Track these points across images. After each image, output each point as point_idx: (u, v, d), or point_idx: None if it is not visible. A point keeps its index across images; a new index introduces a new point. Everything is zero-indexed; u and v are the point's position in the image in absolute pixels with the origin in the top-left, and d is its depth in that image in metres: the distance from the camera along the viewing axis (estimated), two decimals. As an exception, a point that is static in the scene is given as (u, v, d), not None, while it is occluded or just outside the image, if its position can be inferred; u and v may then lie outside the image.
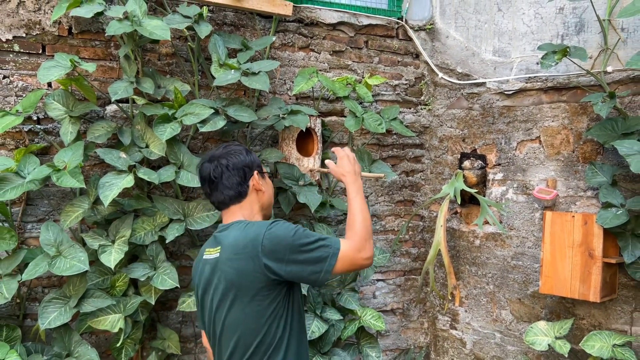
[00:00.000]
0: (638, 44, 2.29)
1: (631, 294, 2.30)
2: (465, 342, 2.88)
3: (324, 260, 1.49)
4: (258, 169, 1.68)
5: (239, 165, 1.64)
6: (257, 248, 1.48)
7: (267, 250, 1.48)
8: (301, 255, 1.49)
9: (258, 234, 1.50)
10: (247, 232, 1.54)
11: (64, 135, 2.07)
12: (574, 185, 2.45)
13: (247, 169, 1.65)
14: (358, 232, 1.57)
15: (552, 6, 2.54)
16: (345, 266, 1.53)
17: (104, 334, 2.31)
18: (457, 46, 2.89)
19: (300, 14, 2.68)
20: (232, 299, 1.53)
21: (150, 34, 2.04)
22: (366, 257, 1.55)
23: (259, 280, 1.49)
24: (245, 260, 1.49)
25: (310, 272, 1.49)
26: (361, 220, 1.59)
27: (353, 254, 1.53)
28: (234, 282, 1.51)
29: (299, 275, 1.50)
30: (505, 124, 2.68)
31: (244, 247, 1.50)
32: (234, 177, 1.63)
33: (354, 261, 1.53)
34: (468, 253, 2.85)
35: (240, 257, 1.50)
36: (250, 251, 1.49)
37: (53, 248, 1.97)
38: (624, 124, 2.21)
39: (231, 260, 1.52)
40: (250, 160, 1.67)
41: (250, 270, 1.49)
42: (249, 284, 1.50)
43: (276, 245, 1.48)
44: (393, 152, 2.97)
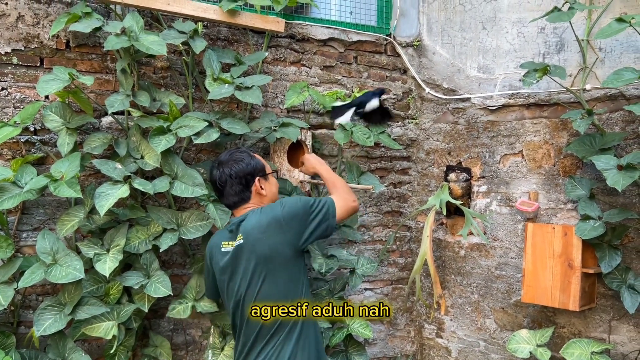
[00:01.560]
0: (615, 63, 2.40)
1: (609, 304, 2.39)
2: (451, 350, 2.95)
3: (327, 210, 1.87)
4: (260, 173, 1.93)
5: (240, 174, 1.88)
6: (280, 222, 1.78)
7: (289, 221, 1.79)
8: (313, 216, 1.84)
9: (276, 212, 1.81)
10: (265, 214, 1.82)
11: (61, 146, 2.12)
12: (554, 198, 2.55)
13: (249, 177, 1.90)
14: (340, 188, 2.03)
15: (534, 25, 2.64)
16: (343, 214, 1.93)
17: (97, 341, 2.35)
18: (443, 62, 2.99)
19: (291, 30, 2.77)
20: (265, 274, 1.78)
21: (147, 49, 2.11)
22: (353, 200, 1.99)
23: (289, 250, 1.80)
24: (274, 236, 1.78)
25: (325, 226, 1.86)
26: (339, 182, 2.07)
27: (345, 201, 1.94)
28: (267, 258, 1.78)
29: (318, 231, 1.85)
30: (489, 138, 2.78)
31: (267, 225, 1.78)
32: (237, 185, 1.88)
33: (347, 206, 1.94)
34: (453, 263, 2.93)
35: (268, 235, 1.78)
36: (275, 227, 1.78)
37: (49, 256, 2.01)
38: (601, 139, 2.31)
39: (260, 240, 1.78)
40: (252, 167, 1.91)
41: (280, 243, 1.78)
42: (282, 256, 1.79)
43: (294, 216, 1.81)
44: (381, 164, 3.05)
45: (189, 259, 2.52)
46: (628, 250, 2.33)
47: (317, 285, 2.63)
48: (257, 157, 1.96)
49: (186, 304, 2.32)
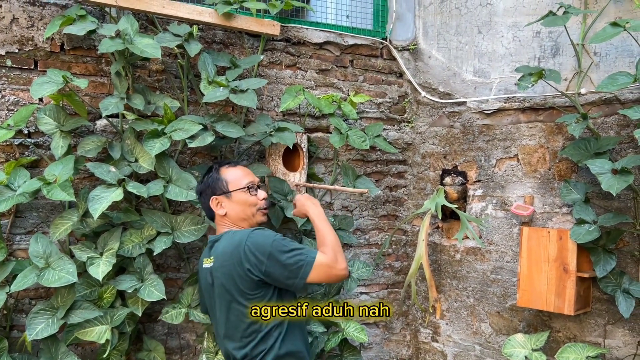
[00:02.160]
0: (610, 67, 2.41)
1: (604, 308, 2.39)
2: (446, 354, 2.94)
3: (300, 267, 1.68)
4: (218, 192, 1.90)
5: (204, 189, 1.95)
6: (240, 254, 1.69)
7: (248, 254, 1.68)
8: (278, 261, 1.68)
9: (241, 241, 1.72)
10: (232, 240, 1.75)
11: (55, 149, 2.11)
12: (550, 202, 2.55)
13: (205, 197, 1.93)
14: (330, 246, 1.77)
15: (529, 30, 2.65)
16: (321, 276, 1.72)
17: (90, 345, 2.34)
18: (439, 66, 2.99)
19: (287, 34, 2.77)
20: (228, 303, 1.75)
21: (142, 52, 2.10)
22: (341, 268, 1.74)
23: (247, 282, 1.70)
24: (232, 266, 1.71)
25: (286, 277, 1.68)
26: (331, 237, 1.81)
27: (328, 265, 1.71)
28: (226, 287, 1.73)
29: (277, 278, 1.69)
30: (485, 142, 2.78)
31: (230, 255, 1.72)
32: (204, 201, 1.95)
33: (329, 272, 1.71)
34: (449, 267, 2.92)
35: (228, 264, 1.72)
36: (235, 257, 1.70)
37: (42, 260, 2.00)
38: (596, 143, 2.31)
39: (222, 267, 1.74)
40: (209, 186, 1.92)
41: (237, 275, 1.70)
42: (239, 287, 1.71)
43: (256, 250, 1.68)
44: (377, 168, 3.05)
45: (184, 262, 2.51)
46: (623, 254, 2.33)
47: (312, 289, 2.62)
48: (222, 173, 1.92)
49: (179, 309, 2.30)
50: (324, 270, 1.70)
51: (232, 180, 1.92)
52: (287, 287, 1.73)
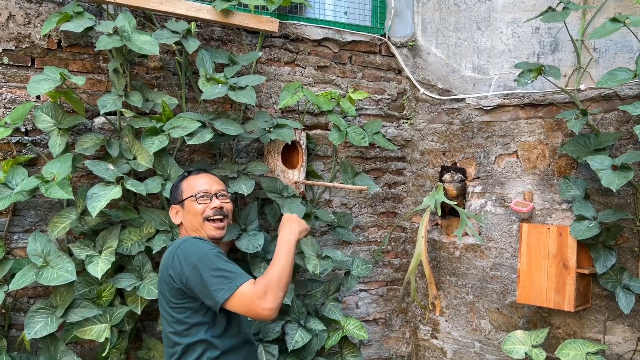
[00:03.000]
0: (609, 63, 2.40)
1: (604, 304, 2.39)
2: (446, 351, 2.94)
3: (218, 290, 1.53)
4: (175, 201, 1.86)
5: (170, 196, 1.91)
6: (169, 259, 1.65)
7: (175, 261, 1.62)
8: (200, 276, 1.55)
9: (175, 246, 1.69)
10: (171, 246, 1.72)
11: (53, 147, 2.10)
12: (549, 199, 2.54)
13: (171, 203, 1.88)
14: (267, 280, 1.55)
15: (528, 26, 2.64)
16: (241, 307, 1.53)
17: (89, 344, 2.33)
18: (438, 63, 2.98)
19: (285, 30, 2.75)
20: (160, 306, 1.73)
21: (140, 49, 2.09)
22: (266, 308, 1.51)
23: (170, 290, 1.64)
24: (164, 270, 1.69)
25: (204, 295, 1.57)
26: (277, 270, 1.58)
27: (251, 299, 1.51)
28: (160, 290, 1.72)
29: (196, 295, 1.59)
30: (484, 138, 2.77)
31: (165, 259, 1.70)
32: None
33: (251, 306, 1.52)
34: (448, 264, 2.92)
35: (162, 267, 1.70)
36: (166, 262, 1.68)
37: (40, 258, 1.99)
38: (595, 140, 2.30)
39: (160, 271, 1.73)
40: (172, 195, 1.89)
41: (164, 280, 1.67)
42: (165, 294, 1.67)
43: (183, 259, 1.61)
44: (376, 165, 3.04)
45: (183, 260, 2.50)
46: (623, 250, 2.33)
47: (311, 287, 2.61)
48: (182, 183, 1.84)
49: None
50: (245, 302, 1.52)
51: (187, 189, 1.82)
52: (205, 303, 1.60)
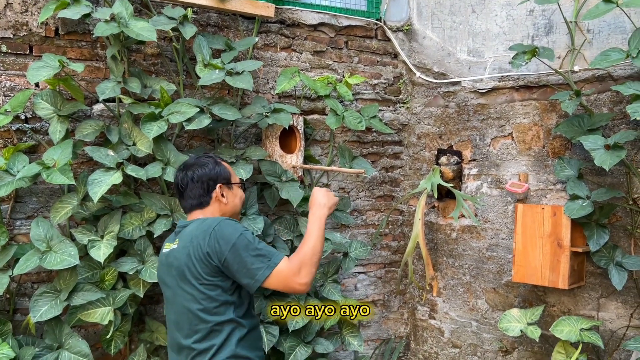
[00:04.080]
0: (603, 44, 2.42)
1: (598, 282, 2.44)
2: (444, 331, 3.00)
3: (258, 269, 1.59)
4: (224, 181, 1.82)
5: (203, 177, 1.79)
6: (206, 237, 1.63)
7: (212, 240, 1.62)
8: (239, 255, 1.60)
9: (210, 225, 1.66)
10: (202, 225, 1.70)
11: (53, 133, 2.12)
12: (544, 179, 2.58)
13: (210, 182, 1.80)
14: (301, 256, 1.64)
15: (522, 8, 2.66)
16: (279, 284, 1.61)
17: (93, 327, 2.37)
18: (433, 46, 3.00)
19: (282, 15, 2.77)
20: (184, 283, 1.68)
21: (137, 36, 2.10)
22: (301, 283, 1.60)
23: (205, 266, 1.64)
24: (196, 247, 1.65)
25: (243, 274, 1.61)
26: (311, 246, 1.66)
27: (288, 275, 1.60)
28: (186, 266, 1.67)
29: (233, 273, 1.63)
30: (480, 121, 2.80)
31: (196, 236, 1.66)
32: (197, 189, 1.79)
33: (287, 282, 1.60)
34: (445, 245, 2.96)
35: (193, 244, 1.66)
36: (201, 239, 1.64)
37: (43, 243, 2.03)
38: (589, 120, 2.33)
39: (185, 248, 1.68)
40: (216, 173, 1.81)
41: (197, 257, 1.64)
42: (197, 269, 1.64)
43: (221, 238, 1.62)
44: (373, 149, 3.07)
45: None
46: (616, 228, 2.37)
47: (310, 269, 2.65)
48: (223, 165, 1.87)
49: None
50: (282, 279, 1.60)
51: (233, 174, 1.88)
52: (241, 284, 1.64)
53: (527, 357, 2.65)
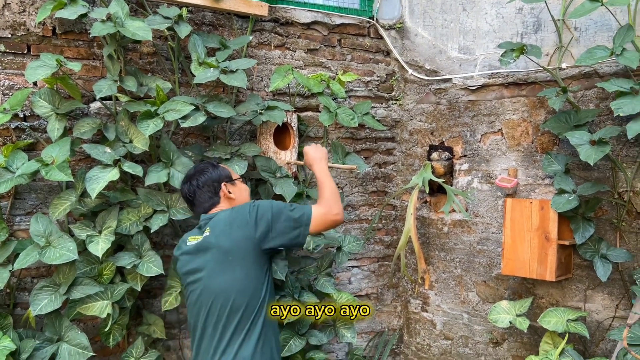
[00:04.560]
0: (589, 42, 2.48)
1: (585, 274, 2.50)
2: (436, 323, 3.06)
3: (301, 220, 1.87)
4: (226, 179, 2.03)
5: (207, 182, 2.00)
6: (247, 218, 1.83)
7: (255, 219, 1.83)
8: (283, 220, 1.85)
9: (245, 209, 1.87)
10: (235, 210, 1.90)
11: (51, 131, 2.17)
12: (533, 174, 2.64)
13: (215, 184, 2.02)
14: (326, 197, 1.99)
15: (512, 6, 2.71)
16: (320, 225, 1.91)
17: (92, 321, 2.43)
18: (425, 44, 3.05)
19: (275, 14, 2.81)
20: (225, 267, 1.82)
21: (133, 35, 2.15)
22: (336, 213, 1.94)
23: (251, 247, 1.83)
24: (238, 230, 1.82)
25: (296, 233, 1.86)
26: (328, 189, 2.02)
27: (324, 214, 1.91)
28: (228, 251, 1.82)
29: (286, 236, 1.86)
30: (470, 117, 2.86)
31: (233, 220, 1.85)
32: (205, 193, 2.00)
33: (326, 218, 1.92)
34: (437, 239, 3.02)
35: (233, 228, 1.83)
36: (241, 222, 1.84)
37: (43, 239, 2.07)
38: (576, 116, 2.39)
39: (224, 233, 1.84)
40: (217, 175, 2.03)
41: (242, 237, 1.82)
42: (242, 250, 1.82)
43: (262, 215, 1.84)
44: (366, 145, 3.13)
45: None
46: (602, 222, 2.43)
47: (305, 263, 2.71)
48: (221, 167, 2.09)
49: (175, 292, 2.38)
50: (321, 218, 1.90)
51: (232, 171, 2.10)
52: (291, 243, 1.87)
53: (516, 348, 2.72)
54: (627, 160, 2.35)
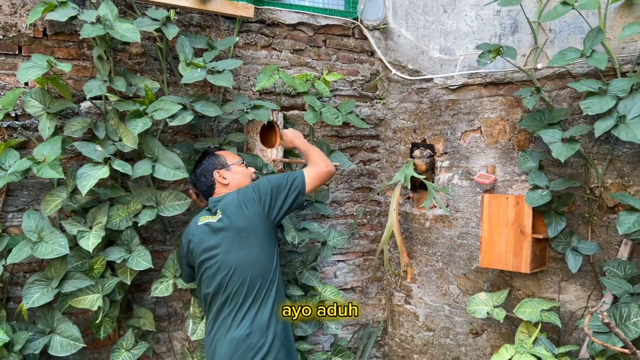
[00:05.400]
0: (563, 43, 2.58)
1: (559, 266, 2.60)
2: (419, 315, 3.16)
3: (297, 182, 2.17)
4: (219, 167, 2.28)
5: (203, 172, 2.31)
6: (254, 198, 2.12)
7: (261, 197, 2.12)
8: (283, 188, 2.15)
9: (249, 190, 2.16)
10: (241, 193, 2.16)
11: (43, 130, 2.23)
12: (510, 171, 2.74)
13: (208, 173, 2.30)
14: (313, 159, 2.31)
15: (490, 8, 2.80)
16: (315, 178, 2.22)
17: (83, 314, 2.50)
18: (408, 45, 3.14)
19: (261, 15, 2.89)
20: (241, 244, 2.06)
21: (122, 37, 2.22)
22: (326, 166, 2.27)
23: (262, 222, 2.10)
24: (248, 209, 2.09)
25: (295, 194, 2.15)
26: (314, 152, 2.36)
27: (317, 169, 2.24)
28: (242, 229, 2.08)
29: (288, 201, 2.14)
30: (451, 116, 2.95)
31: (242, 201, 2.14)
32: (203, 182, 2.31)
33: (319, 172, 2.24)
34: (420, 234, 3.12)
35: (242, 208, 2.10)
36: (250, 202, 2.11)
37: (35, 234, 2.14)
38: (550, 115, 2.49)
39: (236, 213, 2.10)
40: (210, 164, 2.31)
41: (254, 214, 2.09)
42: (255, 227, 2.09)
43: (266, 191, 2.13)
44: (351, 143, 3.21)
45: (169, 235, 2.67)
46: (575, 216, 2.54)
47: (290, 257, 2.80)
48: (217, 154, 2.34)
49: (167, 282, 2.46)
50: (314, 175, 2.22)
51: (229, 157, 2.34)
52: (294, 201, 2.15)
53: (495, 338, 2.82)
54: (598, 157, 2.45)
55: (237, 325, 2.02)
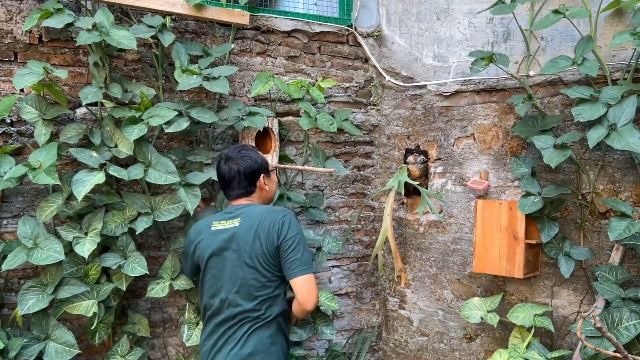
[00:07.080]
0: (555, 51, 2.61)
1: (551, 271, 2.63)
2: (413, 320, 3.17)
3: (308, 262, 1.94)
4: (265, 171, 2.10)
5: (248, 170, 2.05)
6: (279, 225, 1.95)
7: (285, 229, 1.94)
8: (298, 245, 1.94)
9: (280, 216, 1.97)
10: (268, 212, 1.99)
11: (38, 136, 2.24)
12: (503, 177, 2.76)
13: (255, 174, 2.07)
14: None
15: (483, 16, 2.84)
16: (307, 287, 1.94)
17: (78, 320, 2.49)
18: (401, 51, 3.17)
19: (257, 23, 2.91)
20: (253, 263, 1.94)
21: (118, 44, 2.23)
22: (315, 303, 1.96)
23: (275, 252, 1.94)
24: (271, 233, 1.93)
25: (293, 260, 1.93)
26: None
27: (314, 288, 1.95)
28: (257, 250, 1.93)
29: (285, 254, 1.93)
30: (444, 122, 2.98)
31: (270, 222, 1.95)
32: (244, 181, 2.05)
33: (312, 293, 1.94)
34: (413, 239, 3.14)
35: (266, 230, 1.94)
36: (274, 227, 1.94)
37: (30, 240, 2.15)
38: (542, 121, 2.52)
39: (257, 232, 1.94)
40: (258, 165, 2.09)
41: (272, 243, 1.93)
42: (269, 254, 1.94)
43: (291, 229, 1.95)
44: (346, 149, 3.23)
45: (164, 241, 2.67)
46: (567, 222, 2.56)
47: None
48: (261, 155, 2.14)
49: (163, 283, 2.47)
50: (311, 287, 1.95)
51: (268, 162, 2.17)
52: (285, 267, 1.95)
53: (489, 342, 2.84)
54: (590, 164, 2.49)
55: (242, 344, 1.92)
